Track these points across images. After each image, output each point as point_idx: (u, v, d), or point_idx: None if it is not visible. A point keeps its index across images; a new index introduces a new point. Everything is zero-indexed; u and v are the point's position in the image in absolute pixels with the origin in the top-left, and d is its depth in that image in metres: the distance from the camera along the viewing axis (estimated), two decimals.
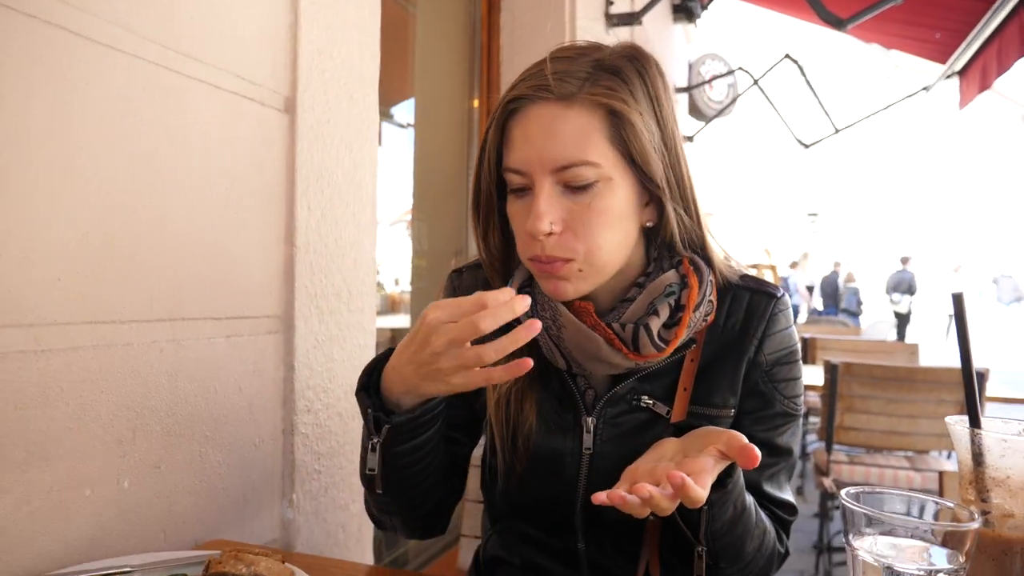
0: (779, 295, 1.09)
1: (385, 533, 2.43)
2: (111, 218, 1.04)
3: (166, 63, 1.12)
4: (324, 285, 1.49)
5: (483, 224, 1.08)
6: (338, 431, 1.54)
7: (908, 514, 0.68)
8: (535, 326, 0.85)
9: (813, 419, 5.14)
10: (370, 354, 1.65)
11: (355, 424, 1.59)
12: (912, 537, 0.65)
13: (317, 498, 1.49)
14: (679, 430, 1.02)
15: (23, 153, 0.92)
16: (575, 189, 0.95)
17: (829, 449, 3.23)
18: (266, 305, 1.36)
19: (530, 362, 0.87)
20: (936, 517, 0.68)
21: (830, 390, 3.14)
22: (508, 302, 0.85)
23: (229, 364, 1.27)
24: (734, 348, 1.07)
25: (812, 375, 3.85)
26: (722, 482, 0.90)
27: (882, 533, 0.65)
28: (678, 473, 0.78)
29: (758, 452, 0.81)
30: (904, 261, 14.83)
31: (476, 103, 3.23)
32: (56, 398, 0.97)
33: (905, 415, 3.10)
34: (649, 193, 1.02)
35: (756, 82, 7.08)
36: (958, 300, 0.71)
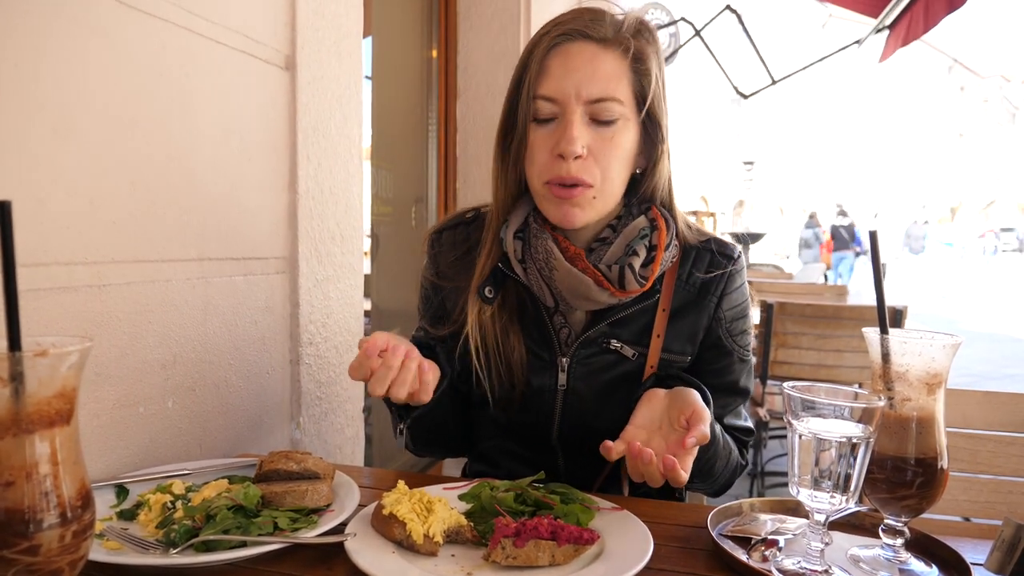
0: (736, 256, 1.27)
1: (372, 455, 2.62)
2: (151, 168, 1.17)
3: (187, 24, 1.23)
4: (321, 229, 1.63)
5: (515, 150, 1.17)
6: (335, 363, 1.70)
7: (833, 401, 0.89)
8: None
9: None
10: (360, 294, 1.81)
11: (348, 357, 1.75)
12: (835, 417, 0.86)
13: (319, 422, 1.65)
14: (658, 379, 1.21)
15: (87, 107, 1.04)
16: (601, 123, 1.11)
17: (764, 382, 3.51)
18: (274, 247, 1.49)
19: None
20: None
21: (766, 328, 3.41)
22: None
23: (246, 300, 1.41)
24: (695, 303, 1.25)
25: None
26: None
27: (814, 415, 0.86)
28: (671, 459, 0.95)
29: (707, 434, 0.99)
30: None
31: (435, 53, 3.32)
32: (115, 327, 1.11)
33: (832, 349, 3.40)
34: (644, 140, 1.19)
35: (698, 32, 7.24)
36: (873, 236, 0.91)
